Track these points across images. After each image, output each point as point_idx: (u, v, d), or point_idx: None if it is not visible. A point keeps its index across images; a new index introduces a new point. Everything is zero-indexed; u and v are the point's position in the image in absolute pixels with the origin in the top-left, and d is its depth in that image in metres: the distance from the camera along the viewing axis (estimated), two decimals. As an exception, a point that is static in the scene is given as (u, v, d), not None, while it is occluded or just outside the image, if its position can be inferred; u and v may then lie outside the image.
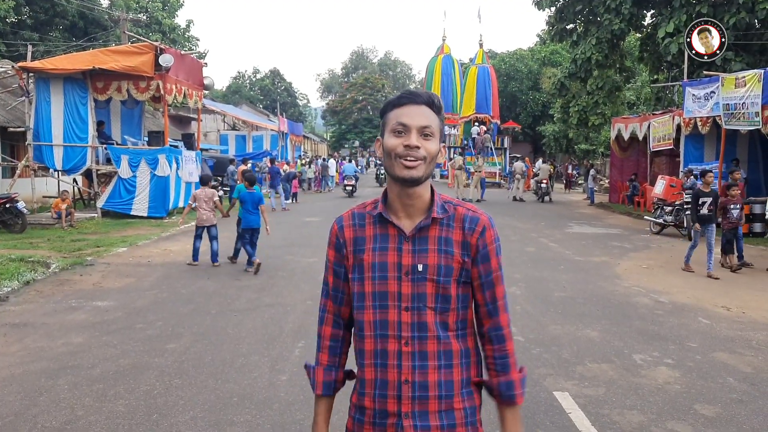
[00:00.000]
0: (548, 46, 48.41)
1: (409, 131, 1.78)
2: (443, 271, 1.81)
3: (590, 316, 7.36)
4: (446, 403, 1.81)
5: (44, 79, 16.72)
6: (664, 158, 21.34)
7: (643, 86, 32.52)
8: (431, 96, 1.84)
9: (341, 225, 1.92)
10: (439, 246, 1.82)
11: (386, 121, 1.84)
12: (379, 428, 1.83)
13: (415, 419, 1.79)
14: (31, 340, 6.30)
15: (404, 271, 1.81)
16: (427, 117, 1.80)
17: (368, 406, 1.85)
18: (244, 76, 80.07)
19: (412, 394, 1.79)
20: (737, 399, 4.88)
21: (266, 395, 4.84)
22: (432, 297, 1.81)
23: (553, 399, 4.81)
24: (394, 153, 1.78)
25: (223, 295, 8.33)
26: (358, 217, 1.91)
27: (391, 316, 1.81)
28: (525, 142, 49.24)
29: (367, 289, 1.85)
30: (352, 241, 1.89)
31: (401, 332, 1.80)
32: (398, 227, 1.84)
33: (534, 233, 15.15)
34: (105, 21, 35.43)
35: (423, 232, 1.83)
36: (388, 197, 1.88)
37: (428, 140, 1.79)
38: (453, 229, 1.84)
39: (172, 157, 17.06)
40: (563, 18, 25.81)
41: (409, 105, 1.81)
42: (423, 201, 1.85)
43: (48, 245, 12.23)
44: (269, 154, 27.42)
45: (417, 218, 1.85)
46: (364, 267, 1.85)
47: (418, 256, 1.81)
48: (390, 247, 1.83)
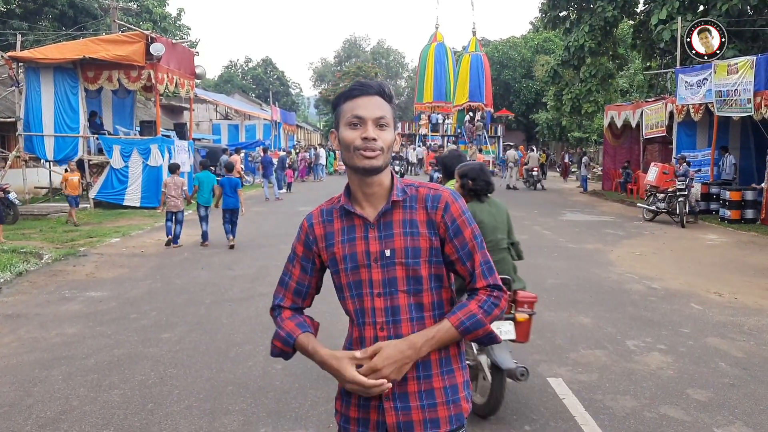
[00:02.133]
0: (541, 34, 48.36)
1: (365, 123, 1.81)
2: (411, 253, 1.84)
3: (584, 303, 7.40)
4: (425, 383, 1.85)
5: (34, 68, 16.58)
6: (656, 145, 21.40)
7: (636, 73, 32.53)
8: (382, 85, 1.87)
9: (311, 222, 1.96)
10: (404, 229, 1.85)
11: (340, 113, 1.86)
12: (363, 410, 1.89)
13: (396, 401, 1.84)
14: (25, 330, 6.28)
15: (373, 258, 1.85)
16: (381, 107, 1.83)
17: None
18: (236, 65, 79.50)
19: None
20: (729, 383, 4.93)
21: (261, 384, 4.85)
22: (403, 280, 1.84)
23: (547, 385, 4.84)
24: (352, 146, 1.81)
25: (217, 284, 8.32)
26: (327, 213, 1.95)
27: (366, 303, 1.86)
28: (518, 130, 49.27)
29: (344, 280, 1.89)
30: (322, 237, 1.93)
31: (376, 318, 1.85)
32: (362, 216, 1.88)
33: (527, 221, 15.18)
34: (95, 10, 35.05)
35: (387, 216, 1.87)
36: (350, 189, 1.92)
37: (384, 130, 1.83)
38: (416, 210, 1.87)
39: (164, 147, 16.97)
40: (556, 5, 25.77)
41: (362, 97, 1.84)
42: (383, 188, 1.88)
43: (40, 236, 12.18)
44: (262, 143, 27.35)
45: (380, 205, 1.88)
46: (337, 260, 1.89)
47: (384, 241, 1.85)
48: (357, 237, 1.87)
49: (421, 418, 1.84)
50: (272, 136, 31.61)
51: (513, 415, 4.31)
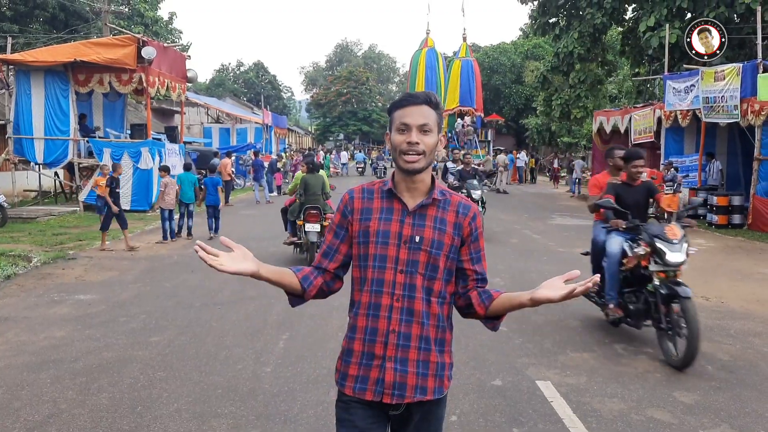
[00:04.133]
0: (531, 40, 48.58)
1: (410, 129, 2.12)
2: (436, 244, 2.15)
3: (572, 307, 7.43)
4: (424, 354, 2.16)
5: (24, 71, 16.51)
6: (645, 151, 21.53)
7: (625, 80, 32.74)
8: (428, 95, 2.18)
9: (352, 196, 2.26)
10: (435, 223, 2.17)
11: (392, 119, 2.19)
12: (364, 368, 2.16)
13: (396, 363, 2.13)
14: (13, 334, 6.25)
15: (403, 240, 2.15)
16: (425, 116, 2.13)
17: (357, 349, 2.18)
18: (227, 69, 79.36)
19: (396, 341, 2.13)
20: (716, 386, 4.98)
21: (250, 387, 4.85)
22: (423, 265, 2.15)
23: (535, 388, 4.87)
24: (398, 149, 2.14)
25: (207, 288, 8.31)
26: (367, 192, 2.25)
27: (387, 275, 2.15)
28: (508, 135, 49.45)
29: (371, 251, 2.17)
30: (359, 210, 2.22)
31: (394, 290, 2.14)
32: (403, 202, 2.19)
33: (517, 225, 15.26)
34: (86, 13, 34.91)
35: (423, 209, 2.18)
36: (395, 179, 2.22)
37: (426, 135, 2.13)
38: (448, 212, 2.20)
39: (155, 150, 16.90)
40: (546, 12, 25.93)
41: (410, 106, 2.15)
42: (425, 185, 2.20)
43: (29, 239, 12.11)
44: (253, 146, 27.28)
45: (418, 198, 2.20)
46: (370, 233, 2.18)
47: (416, 228, 2.16)
48: (394, 219, 2.18)
49: (414, 383, 2.14)
50: (263, 139, 31.54)
51: (501, 418, 4.34)
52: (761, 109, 13.43)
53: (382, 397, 2.13)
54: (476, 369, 5.24)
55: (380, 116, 67.99)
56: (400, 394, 2.12)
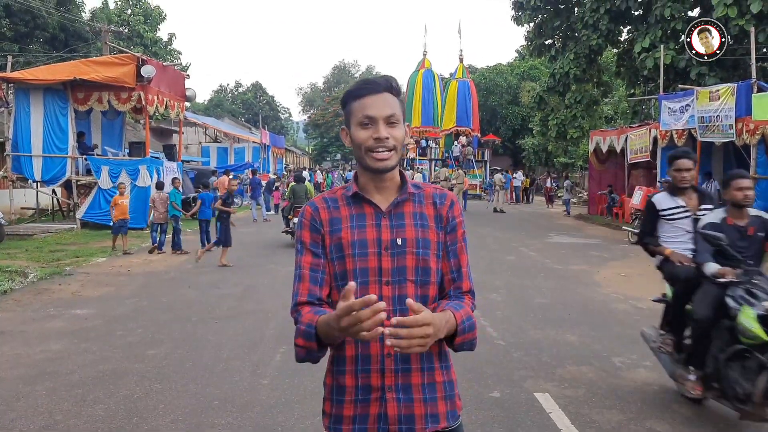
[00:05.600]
0: (527, 61, 49.11)
1: (376, 122, 1.82)
2: (422, 244, 1.86)
3: (570, 322, 7.44)
4: (428, 375, 1.84)
5: (24, 89, 16.59)
6: (641, 170, 21.65)
7: (620, 100, 33.07)
8: (388, 80, 1.88)
9: (315, 207, 1.92)
10: (415, 221, 1.88)
11: (350, 111, 1.86)
12: (362, 405, 1.82)
13: (399, 392, 1.80)
14: (9, 347, 6.22)
15: (384, 246, 1.84)
16: (390, 105, 1.84)
17: (349, 384, 1.83)
18: (226, 89, 79.91)
19: (395, 366, 1.80)
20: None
21: (247, 399, 4.82)
22: (412, 270, 1.84)
23: (533, 400, 4.85)
24: (364, 146, 1.83)
25: (204, 303, 8.29)
26: (331, 201, 1.93)
27: (372, 291, 1.79)
28: (505, 155, 49.69)
29: (349, 266, 1.84)
30: (328, 221, 1.89)
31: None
32: (375, 204, 1.88)
33: (514, 243, 15.28)
34: (86, 33, 35.24)
35: (399, 207, 1.89)
36: (359, 180, 1.93)
37: (394, 127, 1.84)
38: (425, 205, 1.91)
39: (153, 168, 16.95)
40: (542, 33, 26.24)
41: (371, 95, 1.84)
42: (394, 182, 1.92)
43: (26, 256, 12.07)
44: (251, 165, 27.36)
45: (391, 197, 1.90)
46: (343, 245, 1.85)
47: (396, 230, 1.85)
48: (368, 224, 1.86)
49: (423, 413, 1.82)
50: (261, 159, 31.66)
51: (500, 429, 4.32)
52: (756, 128, 13.54)
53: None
54: (474, 381, 5.22)
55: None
56: (409, 428, 1.80)
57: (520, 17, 26.13)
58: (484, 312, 7.83)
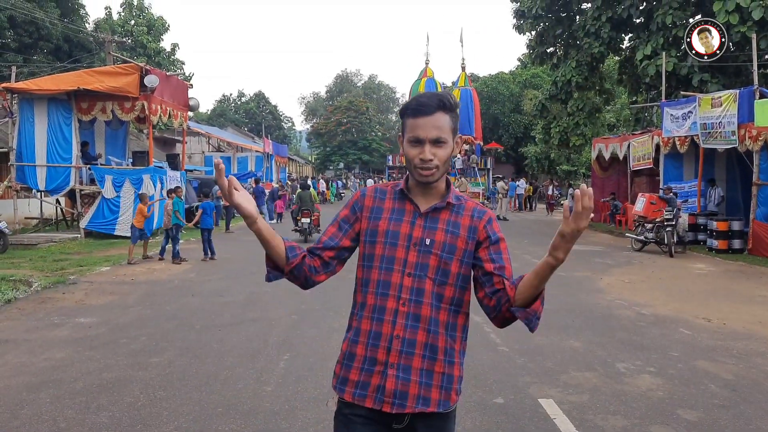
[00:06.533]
0: (529, 70, 49.25)
1: (423, 144, 2.02)
2: (447, 248, 2.06)
3: (574, 328, 7.43)
4: (428, 363, 2.03)
5: (28, 99, 16.68)
6: (644, 177, 21.66)
7: (623, 108, 33.09)
8: (441, 99, 2.04)
9: (364, 194, 2.19)
10: (447, 227, 2.08)
11: (404, 126, 2.08)
12: (366, 374, 2.05)
13: (399, 370, 2.01)
14: (13, 355, 6.23)
15: (413, 242, 2.06)
16: (438, 127, 2.01)
17: (359, 353, 2.06)
18: (229, 99, 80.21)
19: (400, 348, 2.02)
20: (719, 404, 4.95)
21: (251, 405, 4.82)
22: (433, 269, 2.04)
23: (537, 405, 4.84)
24: (412, 163, 2.05)
25: (207, 311, 8.29)
26: (380, 192, 2.19)
27: (394, 278, 2.04)
28: (508, 163, 49.77)
29: (378, 251, 2.08)
30: (370, 208, 2.14)
31: (401, 293, 2.04)
32: (415, 204, 2.11)
33: (518, 250, 15.26)
34: (90, 44, 35.46)
35: (436, 213, 2.10)
36: (409, 182, 2.14)
37: (440, 147, 2.03)
38: (462, 216, 2.11)
39: (156, 177, 17.00)
40: (543, 42, 26.35)
41: (422, 117, 2.02)
42: (438, 190, 2.13)
43: (30, 265, 12.10)
44: (254, 175, 27.44)
45: (432, 201, 2.12)
46: (378, 232, 2.09)
47: (427, 231, 2.07)
48: (405, 220, 2.09)
49: (416, 393, 2.02)
50: (264, 168, 31.74)
51: (504, 435, 4.31)
52: (758, 134, 13.56)
53: (382, 405, 2.00)
54: (477, 387, 5.21)
55: (380, 145, 68.48)
56: (401, 403, 2.00)
57: (522, 26, 26.26)
58: (486, 319, 7.81)
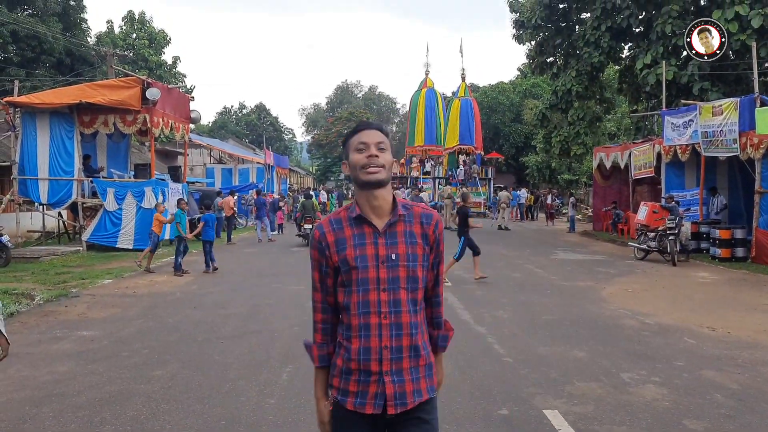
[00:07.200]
0: (529, 79, 49.43)
1: (369, 146, 2.26)
2: (411, 258, 2.28)
3: (577, 338, 7.39)
4: (414, 362, 2.29)
5: (31, 113, 16.74)
6: (646, 186, 21.62)
7: (623, 117, 33.14)
8: (380, 125, 2.38)
9: (323, 231, 2.33)
10: (405, 238, 2.29)
11: (349, 145, 2.32)
12: (363, 384, 2.26)
13: (393, 375, 2.25)
14: (15, 369, 6.20)
15: (381, 260, 2.25)
16: (380, 136, 2.30)
17: (354, 368, 2.26)
18: (230, 111, 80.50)
19: (390, 356, 2.24)
20: (725, 414, 4.92)
21: (254, 418, 4.80)
22: (404, 279, 2.27)
23: (542, 417, 4.81)
24: (359, 165, 2.26)
25: (210, 323, 8.27)
26: (336, 223, 2.33)
27: (372, 296, 2.25)
28: (509, 173, 49.81)
29: (354, 276, 2.26)
30: (334, 243, 2.30)
31: (380, 308, 2.24)
32: (373, 225, 2.28)
33: (520, 260, 15.24)
34: (92, 57, 35.64)
35: (392, 227, 2.29)
36: (359, 204, 2.31)
37: (384, 152, 2.28)
38: (413, 224, 2.32)
39: (158, 190, 17.02)
40: (543, 51, 26.43)
41: (365, 130, 2.31)
42: (387, 203, 2.31)
43: (32, 278, 12.09)
44: (255, 186, 27.45)
45: (385, 218, 2.30)
46: (348, 260, 2.26)
47: (390, 247, 2.27)
48: (367, 242, 2.27)
49: (411, 389, 2.27)
50: (265, 179, 31.76)
51: (509, 446, 4.27)
52: (760, 142, 13.56)
53: (385, 408, 2.23)
54: (482, 399, 5.19)
55: (381, 156, 68.35)
56: (402, 402, 2.24)
57: (522, 36, 26.35)
58: (490, 329, 7.80)
